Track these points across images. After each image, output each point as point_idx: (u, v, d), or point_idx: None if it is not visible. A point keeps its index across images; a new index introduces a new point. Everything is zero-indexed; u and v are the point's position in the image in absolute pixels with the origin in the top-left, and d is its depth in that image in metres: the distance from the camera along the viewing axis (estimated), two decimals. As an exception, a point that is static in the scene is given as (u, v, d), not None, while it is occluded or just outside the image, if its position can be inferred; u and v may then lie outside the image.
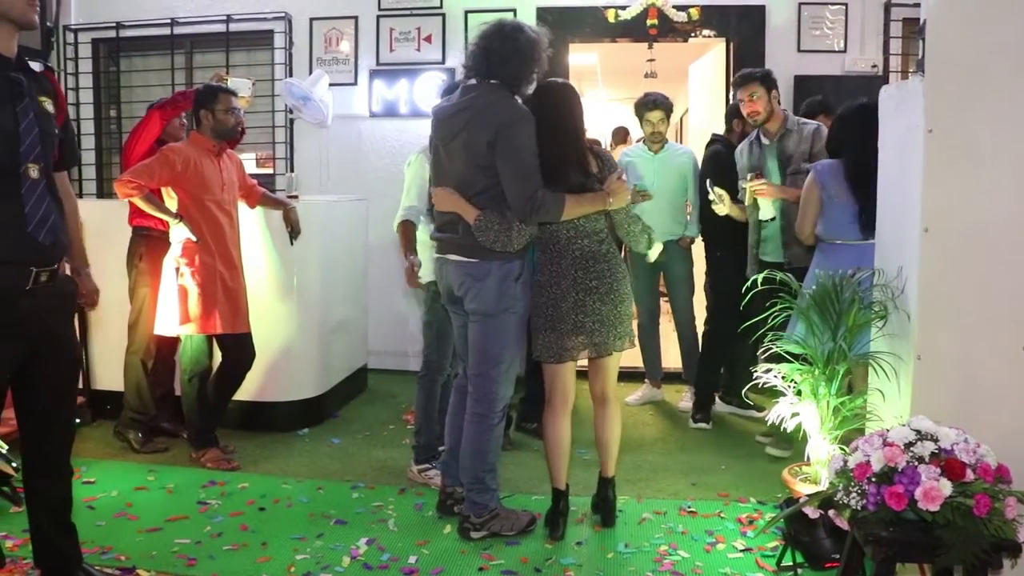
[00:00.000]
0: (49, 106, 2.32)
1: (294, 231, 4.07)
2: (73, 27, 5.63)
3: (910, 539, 1.96)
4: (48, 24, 5.40)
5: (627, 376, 3.96)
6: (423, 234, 3.47)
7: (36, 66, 2.34)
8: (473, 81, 2.92)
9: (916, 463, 1.97)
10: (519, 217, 2.83)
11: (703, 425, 4.43)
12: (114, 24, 5.57)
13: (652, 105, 4.50)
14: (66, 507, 2.57)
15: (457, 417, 3.18)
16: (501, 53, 2.84)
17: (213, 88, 3.81)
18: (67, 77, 5.62)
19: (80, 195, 5.63)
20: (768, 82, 3.99)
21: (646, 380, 4.91)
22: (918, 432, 2.04)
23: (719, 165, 4.31)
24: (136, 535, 3.07)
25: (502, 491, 3.50)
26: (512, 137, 2.79)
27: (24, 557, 2.76)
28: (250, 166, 5.74)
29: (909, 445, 2.01)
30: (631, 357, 2.88)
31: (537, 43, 2.88)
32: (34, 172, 2.23)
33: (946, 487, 1.92)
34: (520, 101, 2.90)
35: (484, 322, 2.94)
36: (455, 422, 3.20)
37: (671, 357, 4.98)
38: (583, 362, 3.08)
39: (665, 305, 5.02)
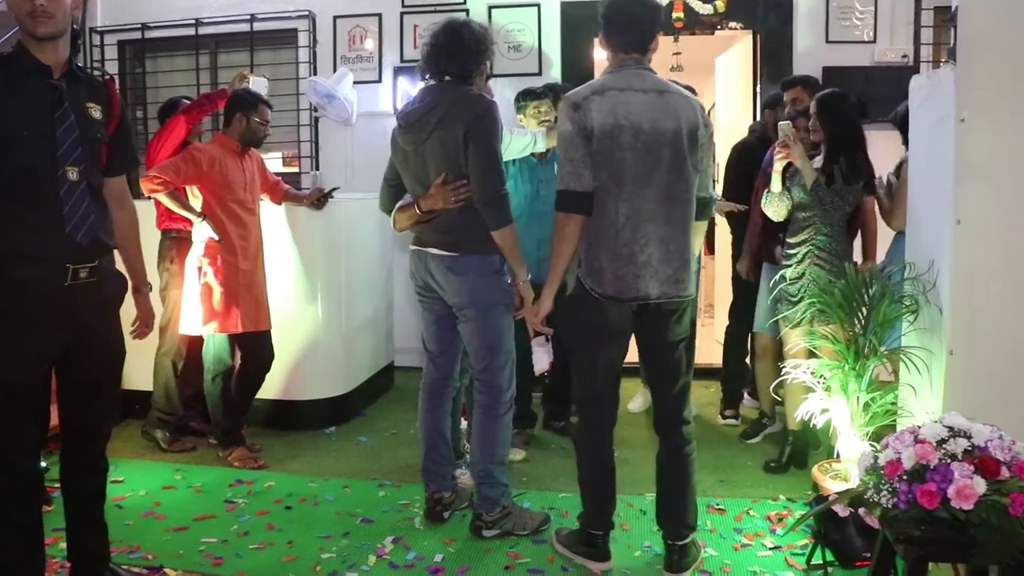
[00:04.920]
0: (96, 112, 2.37)
1: (320, 198, 4.13)
2: (99, 29, 5.68)
3: (943, 538, 1.91)
4: (75, 27, 5.45)
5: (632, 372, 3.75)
6: None
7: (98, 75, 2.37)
8: (432, 81, 2.94)
9: (949, 460, 1.92)
10: (483, 201, 2.83)
11: (732, 421, 4.39)
12: (139, 25, 5.62)
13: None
14: (97, 504, 2.60)
15: (428, 418, 3.19)
16: (449, 50, 2.88)
17: (255, 96, 3.86)
18: (94, 80, 5.67)
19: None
20: None
21: (643, 384, 4.71)
22: (951, 429, 1.99)
23: (742, 160, 4.25)
24: (163, 534, 3.09)
25: (528, 488, 3.51)
26: (486, 129, 2.83)
27: (54, 556, 2.77)
28: (277, 165, 5.78)
29: (941, 442, 1.96)
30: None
31: (483, 36, 2.93)
32: (73, 174, 2.28)
33: (980, 485, 1.87)
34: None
35: (476, 317, 2.95)
36: (426, 423, 3.19)
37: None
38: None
39: None
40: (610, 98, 2.52)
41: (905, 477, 1.95)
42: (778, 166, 3.46)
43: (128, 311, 2.60)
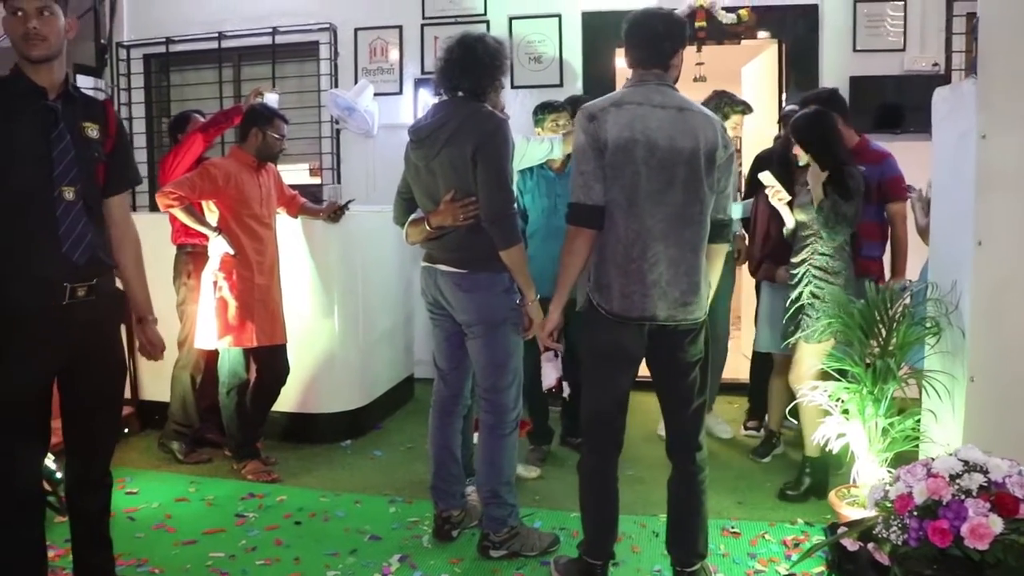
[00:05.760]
0: (93, 132, 2.37)
1: (336, 211, 4.10)
2: (125, 44, 5.76)
3: (956, 578, 1.83)
4: (102, 42, 5.55)
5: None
6: None
7: (99, 95, 2.37)
8: (444, 97, 2.91)
9: (963, 497, 1.83)
10: (491, 220, 2.79)
11: (753, 433, 4.31)
12: (164, 40, 5.69)
13: (749, 109, 4.31)
14: (102, 519, 2.59)
15: (438, 436, 3.16)
16: (462, 65, 2.84)
17: (271, 111, 3.87)
18: (120, 92, 5.75)
19: (133, 208, 5.73)
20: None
21: None
22: (966, 463, 1.90)
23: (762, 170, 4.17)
24: (172, 548, 3.08)
25: (540, 507, 3.45)
26: (495, 147, 2.79)
27: (64, 568, 2.78)
28: (302, 176, 5.81)
29: (955, 477, 1.87)
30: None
31: (497, 51, 2.88)
32: (69, 195, 2.28)
33: (996, 524, 1.78)
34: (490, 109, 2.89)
35: (483, 335, 2.92)
36: (436, 441, 3.16)
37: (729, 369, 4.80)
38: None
39: None
40: (627, 111, 2.45)
41: (916, 513, 1.86)
42: (780, 207, 3.44)
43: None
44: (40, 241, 2.26)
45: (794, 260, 3.41)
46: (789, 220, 3.42)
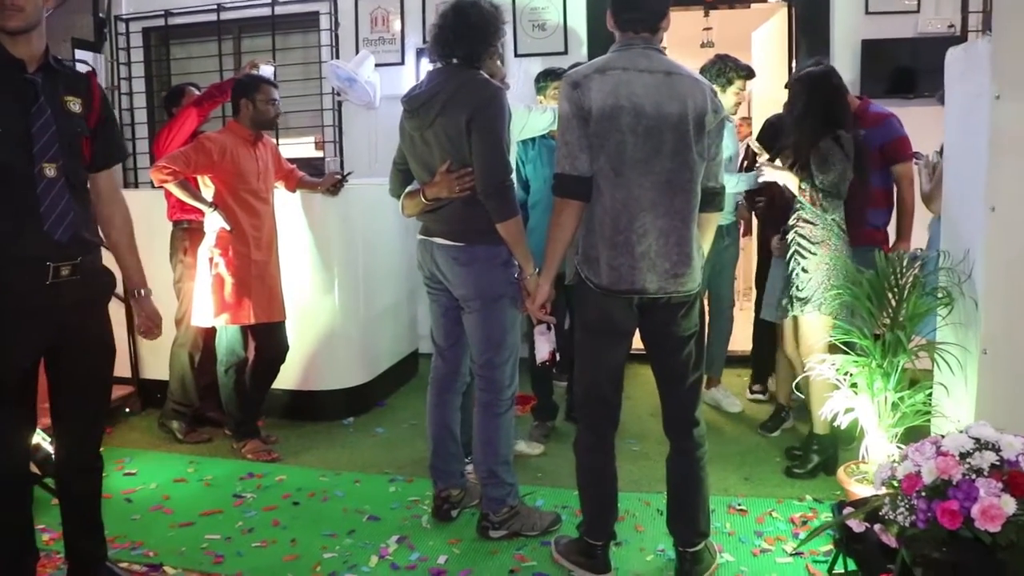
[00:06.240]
0: (75, 106, 2.30)
1: (335, 184, 4.02)
2: (124, 17, 5.68)
3: (966, 562, 1.75)
4: (100, 15, 5.47)
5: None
6: None
7: (82, 67, 2.28)
8: (438, 65, 2.81)
9: (973, 476, 1.74)
10: (486, 192, 2.71)
11: (760, 396, 4.24)
12: (163, 12, 5.60)
13: (752, 74, 4.13)
14: (92, 503, 2.55)
15: (436, 414, 3.09)
16: (456, 31, 2.74)
17: (256, 78, 3.78)
18: (119, 67, 5.67)
19: (136, 184, 5.69)
20: None
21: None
22: (977, 440, 1.81)
23: (767, 135, 4.03)
24: (168, 530, 3.05)
25: (543, 484, 3.39)
26: (490, 117, 2.69)
27: (58, 551, 2.75)
28: (308, 150, 5.72)
29: (965, 455, 1.78)
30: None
31: (492, 16, 2.78)
32: (50, 171, 2.22)
33: (1009, 504, 1.70)
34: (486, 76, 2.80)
35: (480, 310, 2.84)
36: (434, 419, 3.09)
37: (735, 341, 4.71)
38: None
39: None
40: (612, 77, 2.34)
41: (924, 494, 1.78)
42: (775, 174, 3.33)
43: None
44: (21, 219, 2.20)
45: (785, 227, 3.30)
46: (791, 184, 3.29)
